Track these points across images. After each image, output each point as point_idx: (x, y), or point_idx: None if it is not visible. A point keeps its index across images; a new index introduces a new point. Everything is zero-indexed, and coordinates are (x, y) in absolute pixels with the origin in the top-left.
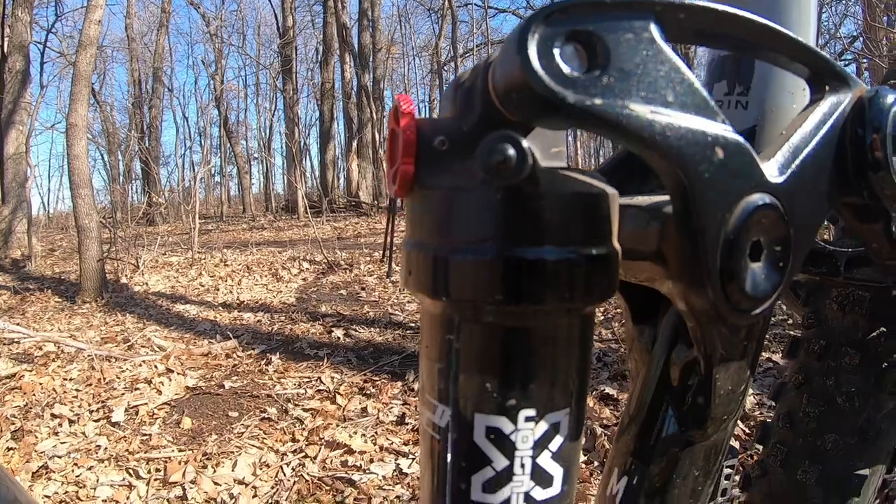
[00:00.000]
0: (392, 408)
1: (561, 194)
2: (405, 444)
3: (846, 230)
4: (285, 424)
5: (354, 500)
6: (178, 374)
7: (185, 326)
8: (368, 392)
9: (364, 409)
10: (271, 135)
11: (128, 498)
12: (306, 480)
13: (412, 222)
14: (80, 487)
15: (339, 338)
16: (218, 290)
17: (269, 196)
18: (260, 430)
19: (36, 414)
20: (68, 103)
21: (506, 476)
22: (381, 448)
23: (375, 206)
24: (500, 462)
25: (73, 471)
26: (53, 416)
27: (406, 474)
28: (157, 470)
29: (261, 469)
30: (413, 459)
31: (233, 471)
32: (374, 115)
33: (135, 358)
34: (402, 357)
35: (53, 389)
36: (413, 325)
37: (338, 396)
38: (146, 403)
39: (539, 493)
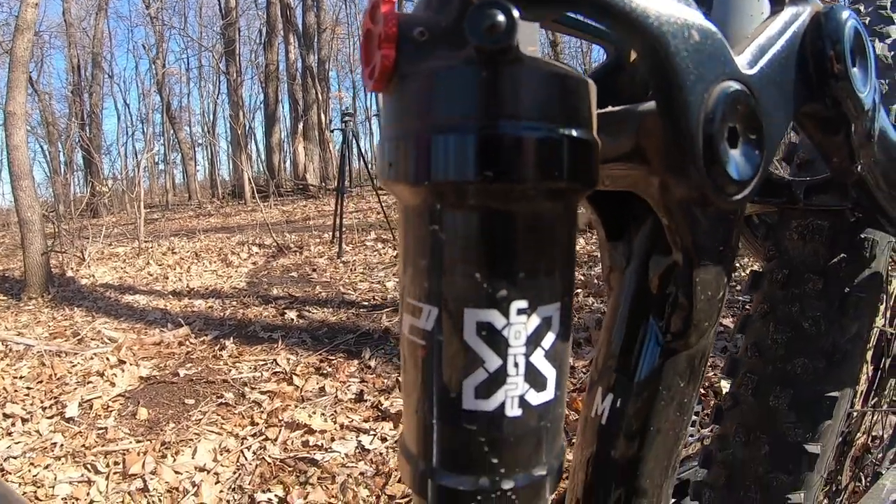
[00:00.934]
0: (350, 386)
1: (543, 74)
2: (365, 420)
3: (808, 144)
4: (243, 408)
5: (318, 479)
6: (131, 364)
7: (136, 317)
8: (325, 371)
9: (322, 389)
10: (215, 119)
11: (88, 494)
12: (268, 463)
13: (390, 115)
14: (39, 487)
15: (292, 319)
16: (167, 278)
17: (214, 182)
18: (218, 415)
19: None
20: (5, 92)
21: (499, 378)
22: (342, 426)
23: (323, 189)
24: (493, 362)
25: (29, 470)
26: (5, 415)
27: (368, 451)
28: (116, 463)
29: (221, 455)
30: (374, 436)
31: (193, 458)
32: (320, 95)
33: (86, 351)
34: (357, 335)
35: (3, 388)
36: (366, 303)
37: (294, 377)
38: (100, 396)
39: (534, 398)
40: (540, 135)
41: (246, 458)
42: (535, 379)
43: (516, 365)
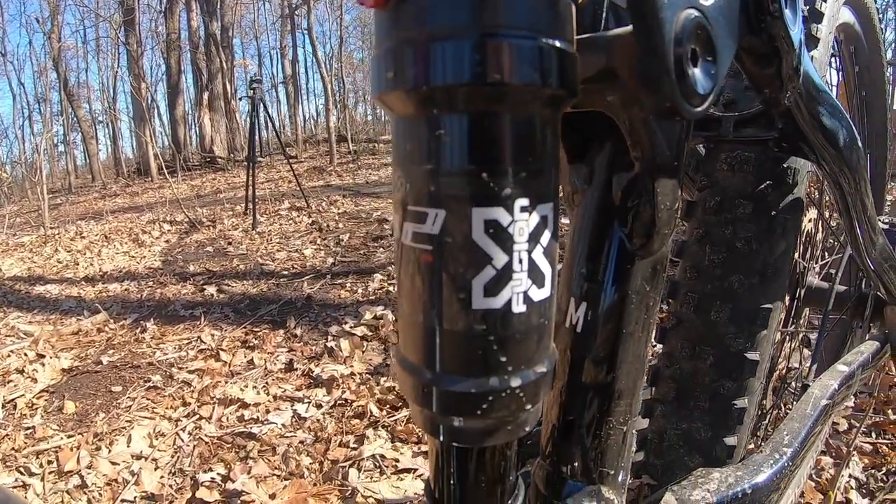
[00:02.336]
0: (278, 356)
1: None
2: (298, 389)
3: (745, 77)
4: (173, 390)
5: (259, 452)
6: (51, 357)
7: (50, 307)
8: (252, 344)
9: (250, 362)
10: (116, 94)
11: (25, 498)
12: (206, 442)
13: (391, 28)
14: None
15: (212, 295)
16: (78, 264)
17: (118, 161)
18: (148, 399)
19: None
20: None
21: (506, 274)
22: (275, 397)
23: (231, 160)
24: (500, 259)
25: None
26: None
27: (305, 419)
28: (50, 462)
29: (157, 439)
30: (309, 403)
31: (129, 447)
32: (225, 64)
33: (1, 349)
34: (280, 305)
35: None
36: (286, 273)
37: (221, 353)
38: (23, 395)
39: (535, 293)
40: (534, 44)
41: (182, 440)
42: (536, 275)
43: (521, 261)
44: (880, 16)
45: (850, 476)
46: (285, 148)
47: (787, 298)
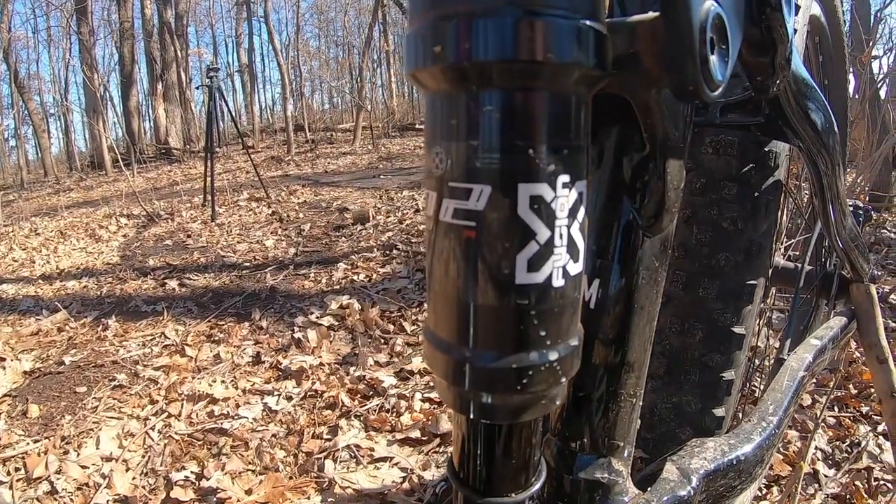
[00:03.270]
0: (245, 349)
1: None
2: (267, 382)
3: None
4: (139, 388)
5: (231, 448)
6: (12, 360)
7: (6, 308)
8: (217, 338)
9: (217, 356)
10: (68, 85)
11: None
12: (177, 440)
13: (430, 4)
14: None
15: (174, 289)
16: (34, 262)
17: (71, 154)
18: (114, 399)
19: None
20: None
21: (548, 249)
22: (245, 391)
23: (187, 152)
24: (544, 234)
25: None
26: None
27: (276, 411)
28: (17, 469)
29: (126, 439)
30: (279, 396)
31: (98, 448)
32: (179, 53)
33: None
34: (244, 297)
35: None
36: (248, 264)
37: (187, 348)
38: None
39: (572, 268)
40: (575, 24)
41: (153, 439)
42: (573, 250)
43: (561, 236)
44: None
45: (816, 448)
46: (243, 138)
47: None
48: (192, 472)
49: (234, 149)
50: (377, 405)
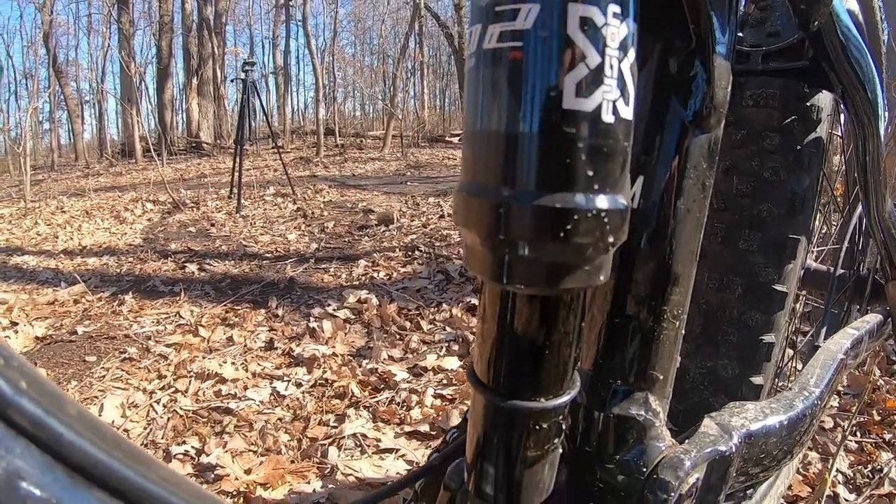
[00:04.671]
0: (258, 334)
1: None
2: (278, 367)
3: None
4: (149, 362)
5: (235, 427)
6: (25, 325)
7: (26, 278)
8: (231, 322)
9: (230, 339)
10: (104, 74)
11: None
12: (181, 415)
13: None
14: None
15: (193, 273)
16: (57, 237)
17: (103, 141)
18: (122, 370)
19: None
20: None
21: (598, 76)
22: (254, 374)
23: (217, 147)
24: (594, 58)
25: None
26: None
27: (284, 396)
28: None
29: (130, 410)
30: (288, 382)
31: (100, 415)
32: (216, 50)
33: None
34: (263, 285)
35: None
36: (269, 255)
37: (200, 329)
38: None
39: (623, 109)
40: None
41: (156, 412)
42: (624, 88)
43: (611, 67)
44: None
45: (837, 471)
46: (274, 135)
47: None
48: (192, 448)
49: (263, 147)
50: (387, 398)
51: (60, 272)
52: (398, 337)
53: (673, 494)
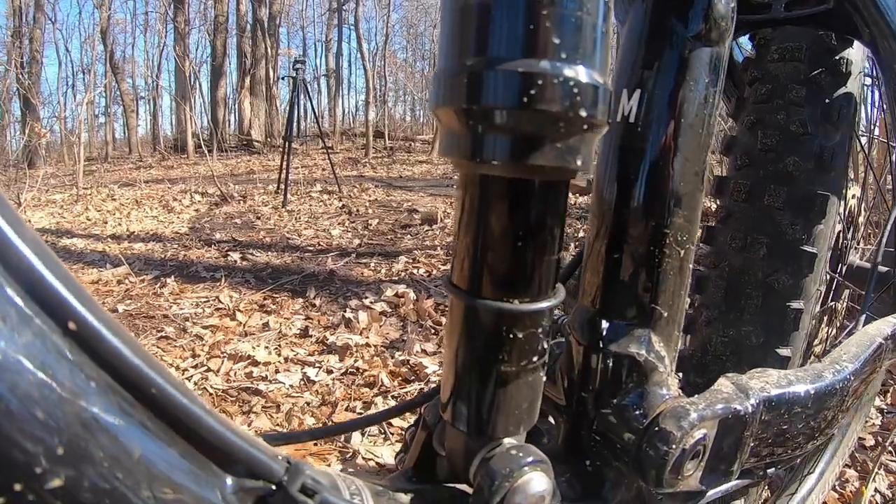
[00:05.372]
0: (294, 322)
1: None
2: (310, 354)
3: None
4: (185, 342)
5: (262, 408)
6: None
7: (73, 258)
8: (269, 308)
9: (266, 325)
10: (159, 71)
11: None
12: (210, 393)
13: None
14: None
15: (235, 261)
16: (106, 223)
17: (156, 136)
18: (158, 348)
19: None
20: None
21: None
22: (287, 359)
23: (268, 145)
24: None
25: None
26: None
27: (314, 382)
28: None
29: None
30: (320, 368)
31: None
32: (269, 50)
33: None
34: (303, 276)
35: None
36: (311, 248)
37: (238, 314)
38: None
39: None
40: None
41: None
42: None
43: None
44: None
45: (875, 490)
46: (323, 134)
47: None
48: None
49: (313, 147)
50: (417, 389)
51: (107, 255)
52: (433, 331)
53: (674, 448)
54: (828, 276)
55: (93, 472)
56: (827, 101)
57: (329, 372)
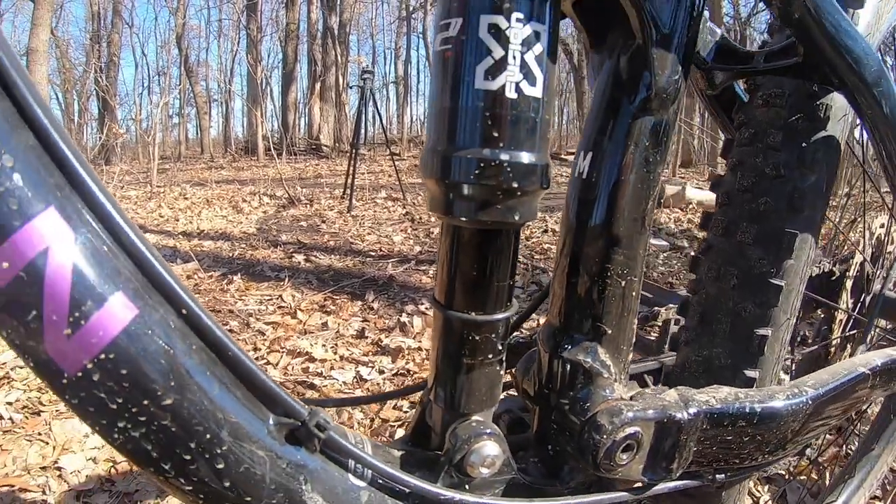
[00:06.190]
0: (352, 323)
1: None
2: (365, 354)
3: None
4: (247, 336)
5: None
6: None
7: None
8: (329, 309)
9: (325, 324)
10: (232, 75)
11: None
12: None
13: None
14: (43, 393)
15: (299, 262)
16: (178, 220)
17: (228, 138)
18: None
19: None
20: (29, 29)
21: (502, 65)
22: (342, 357)
23: (336, 150)
24: (498, 52)
25: (35, 379)
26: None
27: (366, 380)
28: None
29: None
30: (372, 368)
31: None
32: (339, 58)
33: None
34: (363, 280)
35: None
36: (373, 253)
37: (299, 312)
38: None
39: (527, 89)
40: None
41: None
42: (527, 73)
43: (514, 57)
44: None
45: None
46: (390, 141)
47: (851, 301)
48: None
49: (379, 153)
50: None
51: (178, 250)
52: None
53: (606, 438)
54: (851, 304)
55: (190, 398)
56: (804, 145)
57: (381, 372)
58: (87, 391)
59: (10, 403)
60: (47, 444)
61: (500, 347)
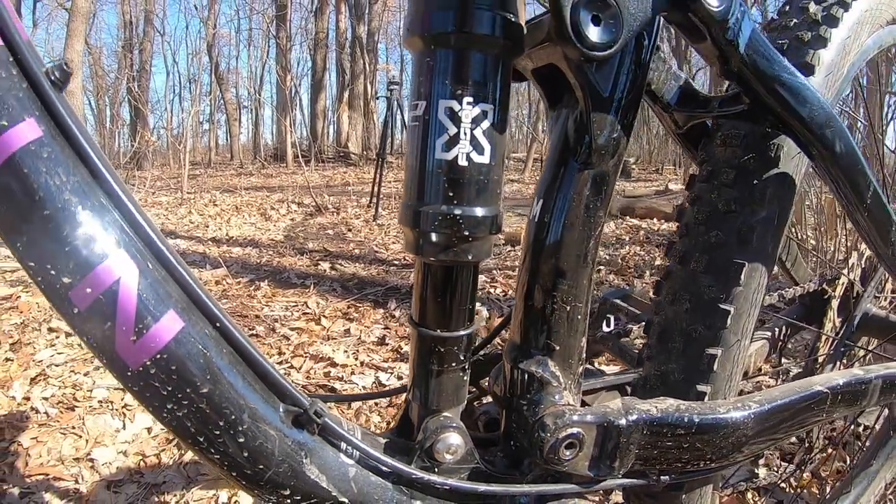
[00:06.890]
0: (373, 330)
1: None
2: (385, 361)
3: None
4: (273, 340)
5: (334, 403)
6: None
7: None
8: (352, 316)
9: (347, 331)
10: (262, 83)
11: (122, 399)
12: None
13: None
14: (77, 390)
15: (325, 270)
16: (207, 227)
17: (257, 145)
18: None
19: (33, 329)
20: (64, 40)
21: (455, 139)
22: (363, 363)
23: (364, 158)
24: (452, 129)
25: (70, 377)
26: (50, 329)
27: (385, 385)
28: None
29: None
30: (392, 374)
31: None
32: (367, 66)
33: None
34: (386, 289)
35: (49, 308)
36: (396, 262)
37: (323, 319)
38: None
39: (476, 157)
40: (491, 13)
41: None
42: (476, 145)
43: (465, 133)
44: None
45: None
46: None
47: (838, 319)
48: None
49: None
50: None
51: (207, 256)
52: (498, 348)
53: (549, 436)
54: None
55: (220, 389)
56: (755, 182)
57: (400, 378)
58: (146, 382)
59: (45, 399)
60: (80, 437)
61: (464, 357)
